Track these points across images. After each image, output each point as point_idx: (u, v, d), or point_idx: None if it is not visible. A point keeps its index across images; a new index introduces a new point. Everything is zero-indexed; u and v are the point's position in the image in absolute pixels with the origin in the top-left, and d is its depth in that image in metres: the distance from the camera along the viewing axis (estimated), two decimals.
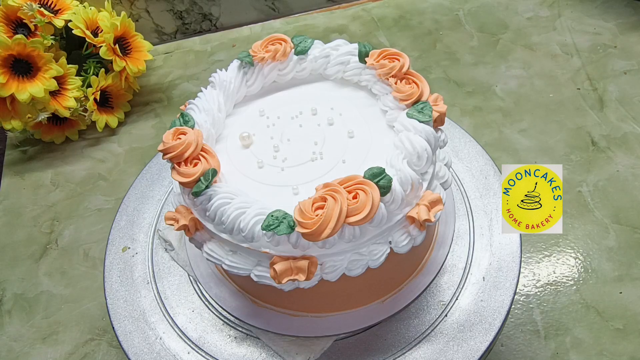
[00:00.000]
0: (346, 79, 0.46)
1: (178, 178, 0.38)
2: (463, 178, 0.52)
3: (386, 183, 0.35)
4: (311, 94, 0.46)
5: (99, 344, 0.54)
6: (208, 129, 0.41)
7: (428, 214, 0.36)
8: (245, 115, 0.45)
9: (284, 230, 0.34)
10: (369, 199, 0.34)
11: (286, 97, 0.46)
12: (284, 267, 0.35)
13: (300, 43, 0.46)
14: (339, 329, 0.42)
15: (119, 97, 0.74)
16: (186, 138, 0.38)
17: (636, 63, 0.72)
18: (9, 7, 0.65)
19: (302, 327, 0.42)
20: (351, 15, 0.86)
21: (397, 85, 0.42)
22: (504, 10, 0.83)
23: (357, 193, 0.34)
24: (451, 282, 0.46)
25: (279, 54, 0.45)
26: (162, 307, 0.47)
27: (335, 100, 0.44)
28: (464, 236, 0.48)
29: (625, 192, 0.59)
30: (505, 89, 0.72)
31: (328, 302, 0.42)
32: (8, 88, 0.62)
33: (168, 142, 0.38)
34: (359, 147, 0.41)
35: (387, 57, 0.44)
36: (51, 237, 0.63)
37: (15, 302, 0.58)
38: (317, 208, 0.34)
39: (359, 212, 0.34)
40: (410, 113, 0.40)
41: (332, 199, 0.33)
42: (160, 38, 0.88)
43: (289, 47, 0.46)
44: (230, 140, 0.43)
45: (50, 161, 0.72)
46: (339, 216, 0.33)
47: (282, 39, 0.46)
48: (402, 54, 0.44)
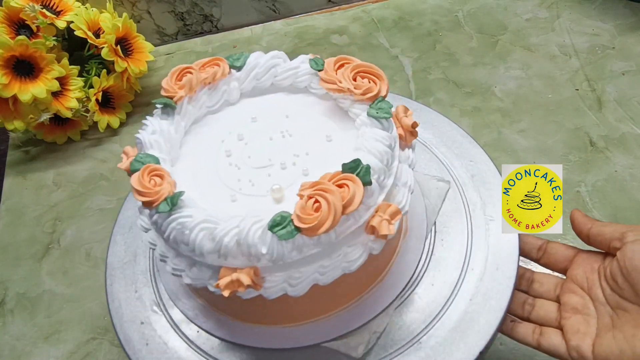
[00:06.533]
0: (278, 83, 0.45)
1: (141, 198, 0.36)
2: (462, 178, 0.52)
3: (367, 175, 0.35)
4: (266, 105, 0.45)
5: (100, 343, 0.54)
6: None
7: (388, 227, 0.35)
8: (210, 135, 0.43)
9: (289, 234, 0.33)
10: (358, 188, 0.34)
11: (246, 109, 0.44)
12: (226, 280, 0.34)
13: (238, 59, 0.45)
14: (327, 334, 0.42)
15: (121, 97, 0.74)
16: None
17: (634, 64, 0.73)
18: (12, 8, 0.65)
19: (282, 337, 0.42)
20: (351, 17, 0.86)
21: (357, 83, 0.40)
22: (503, 12, 0.83)
23: (343, 184, 0.34)
24: (448, 281, 0.46)
25: (218, 74, 0.43)
26: (162, 306, 0.47)
27: (288, 109, 0.44)
28: (462, 236, 0.48)
29: (624, 192, 0.60)
30: (504, 89, 0.72)
31: (312, 307, 0.41)
32: (10, 89, 0.62)
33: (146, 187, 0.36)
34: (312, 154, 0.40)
35: (340, 66, 0.42)
36: (53, 237, 0.64)
37: (18, 301, 0.58)
38: (314, 204, 0.33)
39: (352, 202, 0.34)
40: (370, 112, 0.39)
41: (325, 199, 0.33)
42: (162, 39, 0.88)
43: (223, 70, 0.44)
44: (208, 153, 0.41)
45: (53, 161, 0.72)
46: (337, 210, 0.33)
47: (189, 68, 0.44)
48: (350, 58, 0.42)
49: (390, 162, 0.38)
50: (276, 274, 0.35)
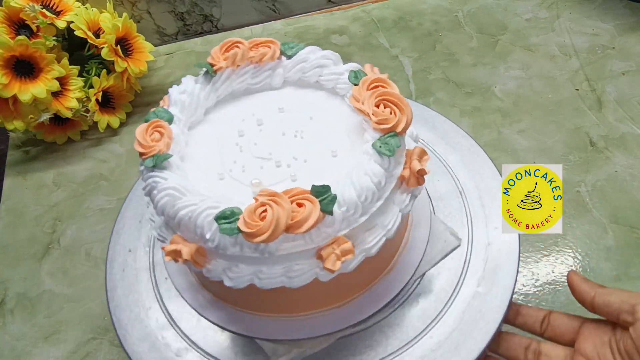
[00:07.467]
0: (322, 82, 0.45)
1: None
2: (462, 178, 0.52)
3: (330, 205, 0.34)
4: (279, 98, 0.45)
5: (100, 343, 0.54)
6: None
7: (334, 262, 0.35)
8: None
9: (230, 231, 0.33)
10: (314, 213, 0.33)
11: (242, 107, 0.45)
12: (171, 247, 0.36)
13: (292, 48, 0.45)
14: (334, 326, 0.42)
15: (121, 97, 0.74)
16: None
17: (634, 64, 0.73)
18: (11, 8, 0.65)
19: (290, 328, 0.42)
20: (351, 17, 0.86)
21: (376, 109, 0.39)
22: (503, 12, 0.83)
23: (302, 203, 0.33)
24: (449, 281, 0.46)
25: (268, 56, 0.44)
26: (162, 306, 0.47)
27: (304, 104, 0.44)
28: (462, 236, 0.48)
29: (624, 192, 0.60)
30: (504, 89, 0.72)
31: (319, 299, 0.41)
32: (10, 89, 0.62)
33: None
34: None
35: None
36: (53, 237, 0.64)
37: (18, 301, 0.58)
38: (262, 212, 0.33)
39: (301, 224, 0.33)
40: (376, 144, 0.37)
41: (272, 211, 0.33)
42: (162, 39, 0.88)
43: (278, 49, 0.44)
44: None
45: (53, 161, 0.72)
46: (279, 225, 0.32)
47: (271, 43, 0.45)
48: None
49: (371, 199, 0.36)
50: (218, 260, 0.36)
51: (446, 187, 0.51)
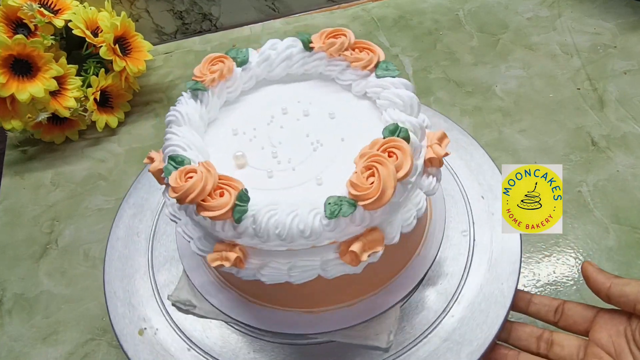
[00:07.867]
0: (292, 73, 0.46)
1: (211, 214, 0.34)
2: (463, 178, 0.52)
3: (405, 134, 0.36)
4: (268, 98, 0.45)
5: (99, 344, 0.54)
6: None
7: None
8: (221, 139, 0.43)
9: (348, 210, 0.34)
10: (406, 153, 0.35)
11: (245, 109, 0.45)
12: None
13: (238, 55, 0.45)
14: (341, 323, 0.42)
15: (119, 97, 0.74)
16: (199, 174, 0.35)
17: (636, 63, 0.72)
18: (9, 7, 0.65)
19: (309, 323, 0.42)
20: (351, 15, 0.86)
21: (354, 56, 0.43)
22: (504, 10, 0.83)
23: (391, 152, 0.35)
24: (450, 281, 0.46)
25: (225, 70, 0.43)
26: (161, 306, 0.47)
27: (297, 95, 0.45)
28: (464, 236, 0.48)
29: (625, 192, 0.59)
30: (505, 89, 0.72)
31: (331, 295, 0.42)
32: (8, 88, 0.62)
33: (183, 185, 0.34)
34: (346, 123, 0.42)
35: (332, 36, 0.44)
36: (51, 237, 0.63)
37: (16, 302, 0.58)
38: (369, 176, 0.34)
39: (402, 167, 0.34)
40: (379, 73, 0.42)
41: (379, 164, 0.34)
42: (160, 38, 0.88)
43: (230, 62, 0.44)
44: (221, 166, 0.38)
45: (51, 161, 0.72)
46: (393, 176, 0.34)
47: (221, 57, 0.45)
48: (344, 29, 0.44)
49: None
50: (253, 259, 0.37)
51: (447, 187, 0.51)
